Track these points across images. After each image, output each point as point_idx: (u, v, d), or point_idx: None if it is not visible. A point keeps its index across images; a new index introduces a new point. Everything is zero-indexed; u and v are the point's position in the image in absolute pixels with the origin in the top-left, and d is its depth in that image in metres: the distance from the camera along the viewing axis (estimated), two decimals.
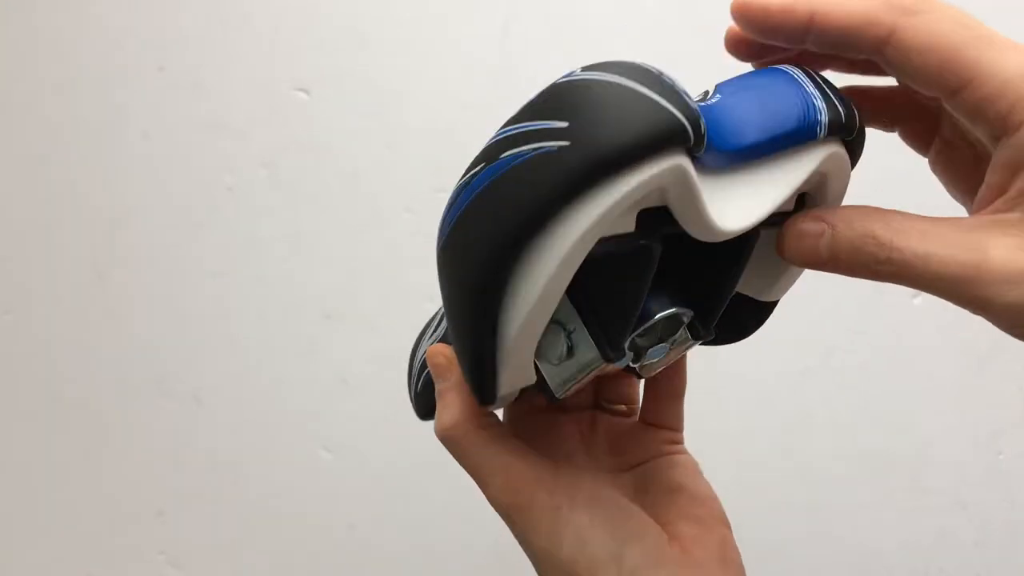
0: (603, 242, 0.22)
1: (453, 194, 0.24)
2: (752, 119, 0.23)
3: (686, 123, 0.20)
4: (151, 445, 0.66)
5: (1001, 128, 0.22)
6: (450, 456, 0.30)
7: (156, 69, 0.66)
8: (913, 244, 0.22)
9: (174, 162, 0.66)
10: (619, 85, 0.21)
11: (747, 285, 0.29)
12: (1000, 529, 0.61)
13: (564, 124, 0.21)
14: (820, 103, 0.24)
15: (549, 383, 0.27)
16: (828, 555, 0.62)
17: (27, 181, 0.68)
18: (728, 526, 0.31)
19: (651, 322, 0.26)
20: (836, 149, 0.24)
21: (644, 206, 0.22)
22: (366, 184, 0.65)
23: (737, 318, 0.30)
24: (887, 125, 0.29)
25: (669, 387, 0.33)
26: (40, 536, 0.68)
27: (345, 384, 0.65)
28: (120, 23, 0.66)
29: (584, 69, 0.22)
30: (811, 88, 0.24)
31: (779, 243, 0.25)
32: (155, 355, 0.66)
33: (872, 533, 0.62)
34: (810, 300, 0.60)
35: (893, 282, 0.23)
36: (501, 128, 0.24)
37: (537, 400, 0.34)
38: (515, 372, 0.25)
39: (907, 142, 0.29)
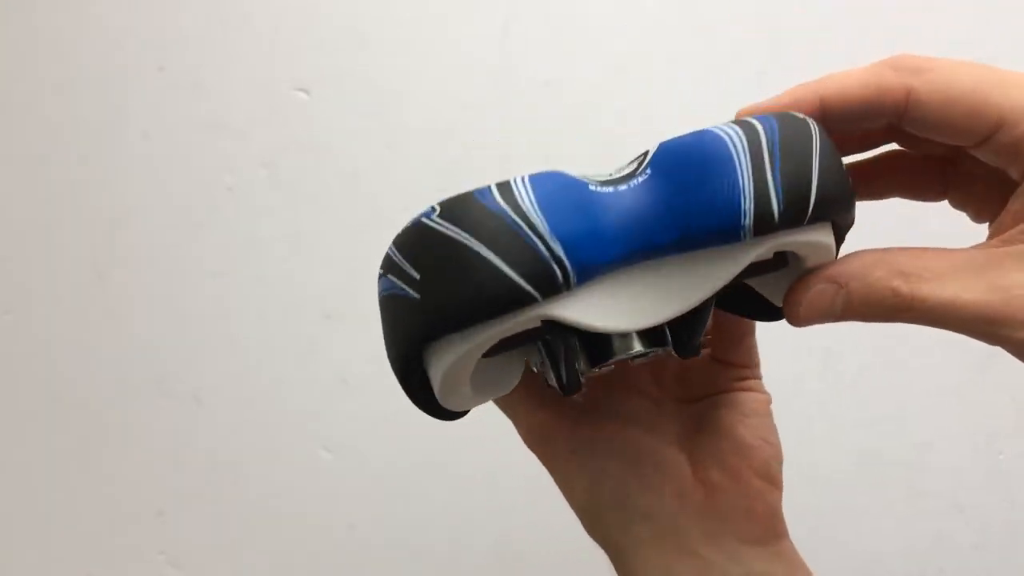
0: (507, 339, 0.22)
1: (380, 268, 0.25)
2: (663, 216, 0.21)
3: (531, 290, 0.20)
4: (151, 445, 0.66)
5: None
6: (450, 456, 0.31)
7: (156, 69, 0.66)
8: (932, 290, 0.22)
9: (174, 162, 0.66)
10: (467, 249, 0.20)
11: (763, 288, 0.28)
12: (999, 532, 0.61)
13: (417, 276, 0.22)
14: (748, 200, 0.21)
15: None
16: (826, 558, 0.62)
17: (27, 181, 0.68)
18: (771, 480, 0.30)
19: (607, 363, 0.26)
20: (784, 240, 0.22)
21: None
22: (366, 184, 0.65)
23: (763, 309, 0.29)
24: (888, 195, 0.28)
25: (735, 327, 0.32)
26: (40, 536, 0.68)
27: (345, 384, 0.65)
28: (120, 23, 0.66)
29: (444, 211, 0.21)
30: (746, 171, 0.21)
31: (786, 308, 0.24)
32: (155, 355, 0.66)
33: (870, 536, 0.62)
34: None
35: (911, 323, 0.23)
36: (393, 238, 0.24)
37: None
38: (458, 401, 0.27)
39: (915, 199, 0.28)
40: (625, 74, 0.63)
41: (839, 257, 0.24)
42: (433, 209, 0.22)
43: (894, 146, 0.28)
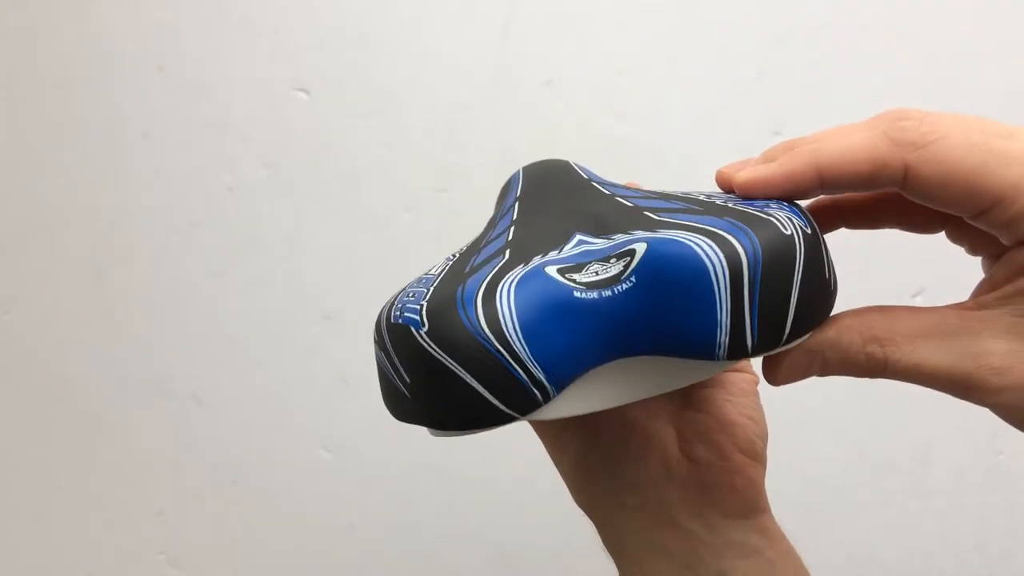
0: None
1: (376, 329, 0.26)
2: (643, 329, 0.23)
3: (511, 412, 0.22)
4: (151, 445, 0.66)
5: None
6: (450, 456, 0.31)
7: (156, 69, 0.66)
8: (905, 355, 0.23)
9: (174, 162, 0.66)
10: (453, 374, 0.22)
11: None
12: (1000, 531, 0.61)
13: (408, 379, 0.24)
14: (724, 333, 0.22)
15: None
16: (828, 557, 0.62)
17: (27, 181, 0.68)
18: (754, 456, 0.31)
19: None
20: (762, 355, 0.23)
21: None
22: (366, 184, 0.65)
23: None
24: (884, 226, 0.29)
25: None
26: (40, 536, 0.68)
27: (345, 384, 0.65)
28: (120, 23, 0.66)
29: (432, 330, 0.23)
30: (725, 305, 0.22)
31: (765, 373, 0.25)
32: (155, 355, 0.66)
33: (872, 535, 0.62)
34: None
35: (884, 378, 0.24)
36: (382, 321, 0.25)
37: None
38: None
39: (912, 232, 0.29)
40: (625, 74, 0.63)
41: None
42: (421, 322, 0.23)
43: None
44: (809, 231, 0.23)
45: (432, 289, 0.24)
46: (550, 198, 0.29)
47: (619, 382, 0.24)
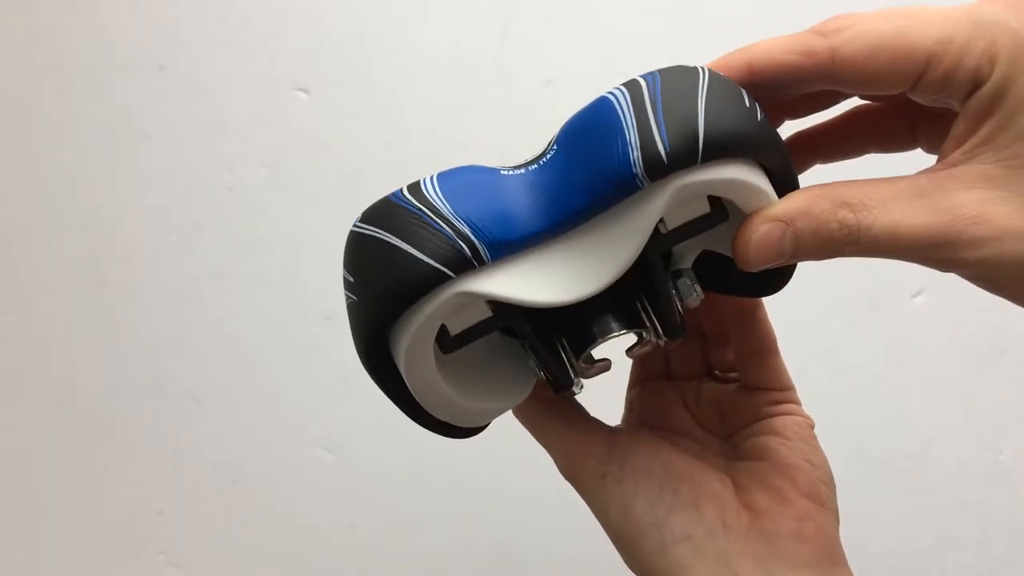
0: (461, 333, 0.24)
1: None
2: (568, 186, 0.23)
3: (443, 268, 0.22)
4: (151, 445, 0.66)
5: (972, 85, 0.22)
6: (450, 457, 0.31)
7: (156, 69, 0.66)
8: (877, 217, 0.22)
9: (174, 162, 0.66)
10: (384, 244, 0.23)
11: (727, 251, 0.28)
12: (1002, 529, 0.61)
13: (352, 279, 0.24)
14: (635, 149, 0.22)
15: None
16: None
17: (27, 181, 0.68)
18: (819, 502, 0.29)
19: (591, 348, 0.27)
20: (686, 180, 0.22)
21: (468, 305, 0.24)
22: (366, 184, 0.65)
23: (750, 282, 0.29)
24: (861, 151, 0.28)
25: (752, 345, 0.31)
26: (40, 536, 0.67)
27: (345, 384, 0.65)
28: (120, 23, 0.66)
29: (364, 215, 0.25)
30: (631, 123, 0.22)
31: (736, 254, 0.24)
32: (154, 355, 0.66)
33: (873, 533, 0.62)
34: (810, 299, 0.60)
35: (860, 256, 0.23)
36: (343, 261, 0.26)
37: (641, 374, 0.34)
38: (447, 409, 0.27)
39: (889, 151, 0.28)
40: (625, 74, 0.63)
41: (783, 197, 0.24)
42: (358, 219, 0.25)
43: (857, 102, 0.28)
44: (720, 75, 0.24)
45: None
46: None
47: (574, 267, 0.23)
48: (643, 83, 0.23)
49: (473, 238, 0.22)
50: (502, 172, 0.24)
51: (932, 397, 0.61)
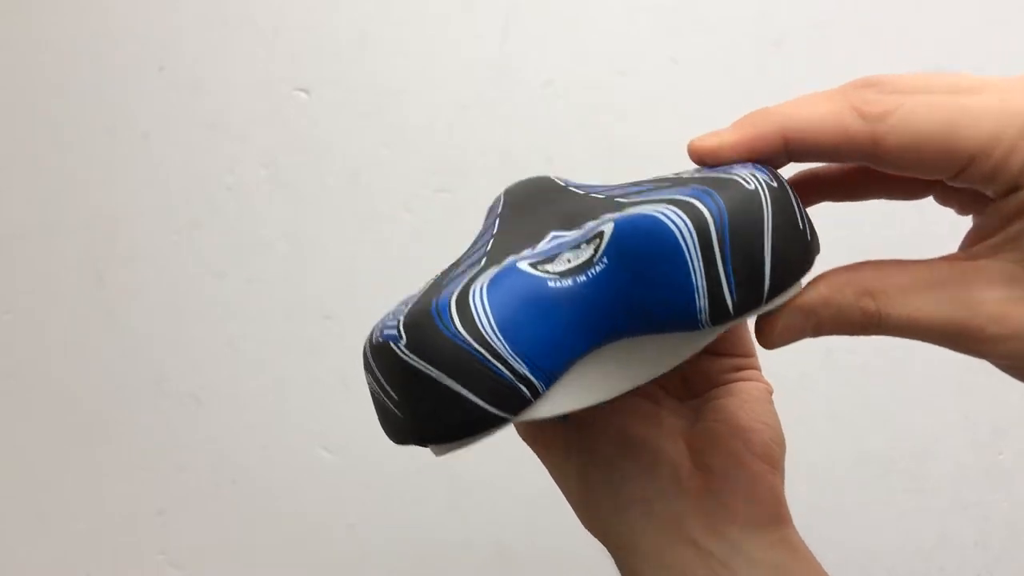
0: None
1: (364, 354, 0.26)
2: (623, 307, 0.22)
3: (502, 414, 0.22)
4: (151, 445, 0.66)
5: (1013, 186, 0.21)
6: (451, 457, 0.30)
7: (156, 69, 0.66)
8: (897, 308, 0.22)
9: (174, 162, 0.66)
10: (436, 383, 0.22)
11: None
12: (1001, 529, 0.61)
13: (396, 397, 0.24)
14: (702, 297, 0.22)
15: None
16: (828, 556, 0.62)
17: (27, 181, 0.68)
18: (772, 463, 0.29)
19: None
20: (750, 316, 0.23)
21: None
22: (365, 184, 0.65)
23: None
24: (870, 197, 0.28)
25: None
26: (40, 536, 0.68)
27: (345, 384, 0.65)
28: (120, 23, 0.66)
29: (410, 341, 0.22)
30: (698, 268, 0.21)
31: (760, 337, 0.25)
32: (154, 355, 0.66)
33: (872, 534, 0.62)
34: None
35: (883, 335, 0.23)
36: (367, 344, 0.25)
37: None
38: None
39: (899, 199, 0.28)
40: (625, 74, 0.63)
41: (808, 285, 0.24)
42: (399, 335, 0.22)
43: None
44: (775, 184, 0.23)
45: (410, 305, 0.24)
46: (529, 209, 0.29)
47: (611, 371, 0.23)
48: (708, 217, 0.21)
49: (531, 376, 0.22)
50: (550, 284, 0.22)
51: (932, 398, 0.61)
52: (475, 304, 0.22)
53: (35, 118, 0.67)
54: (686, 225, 0.21)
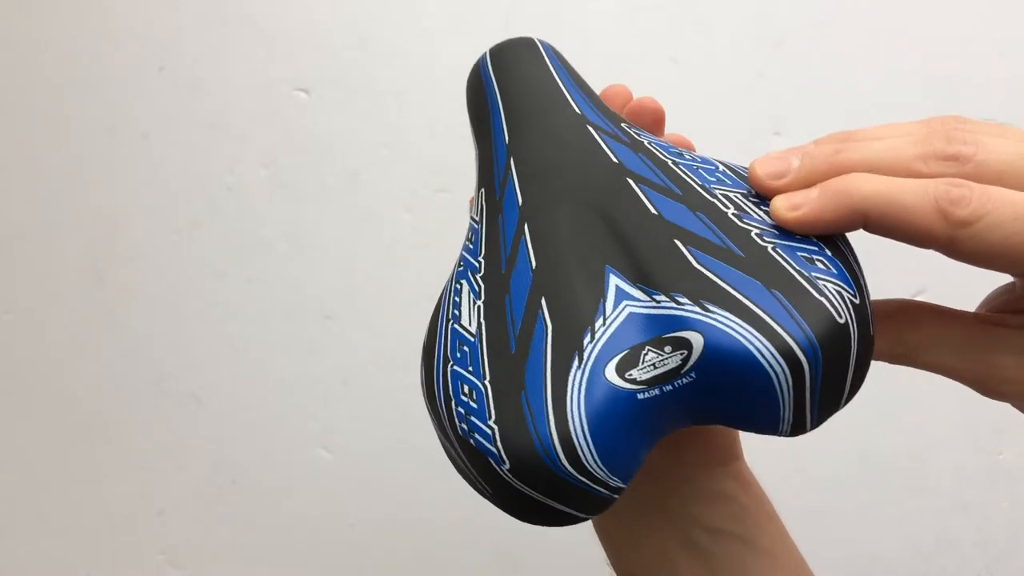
0: None
1: (426, 399, 0.27)
2: (707, 411, 0.24)
3: (590, 516, 0.24)
4: (151, 445, 0.66)
5: None
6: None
7: (156, 69, 0.66)
8: (925, 355, 0.25)
9: (174, 162, 0.66)
10: (542, 504, 0.23)
11: None
12: (1001, 530, 0.61)
13: (490, 491, 0.24)
14: (786, 424, 0.24)
15: None
16: (828, 557, 0.62)
17: (27, 181, 0.68)
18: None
19: None
20: None
21: None
22: (365, 184, 0.65)
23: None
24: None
25: None
26: (40, 536, 0.68)
27: (345, 384, 0.65)
28: (120, 23, 0.66)
29: (515, 469, 0.23)
30: (788, 407, 0.23)
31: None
32: (154, 355, 0.66)
33: (873, 534, 0.62)
34: None
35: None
36: (447, 422, 0.26)
37: None
38: None
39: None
40: (625, 74, 0.63)
41: None
42: (501, 459, 0.23)
43: None
44: (858, 301, 0.23)
45: (492, 399, 0.24)
46: (551, 171, 0.29)
47: None
48: (804, 363, 0.22)
49: (622, 486, 0.24)
50: (639, 396, 0.23)
51: (932, 398, 0.61)
52: (578, 439, 0.23)
53: (35, 118, 0.67)
54: (783, 369, 0.22)
